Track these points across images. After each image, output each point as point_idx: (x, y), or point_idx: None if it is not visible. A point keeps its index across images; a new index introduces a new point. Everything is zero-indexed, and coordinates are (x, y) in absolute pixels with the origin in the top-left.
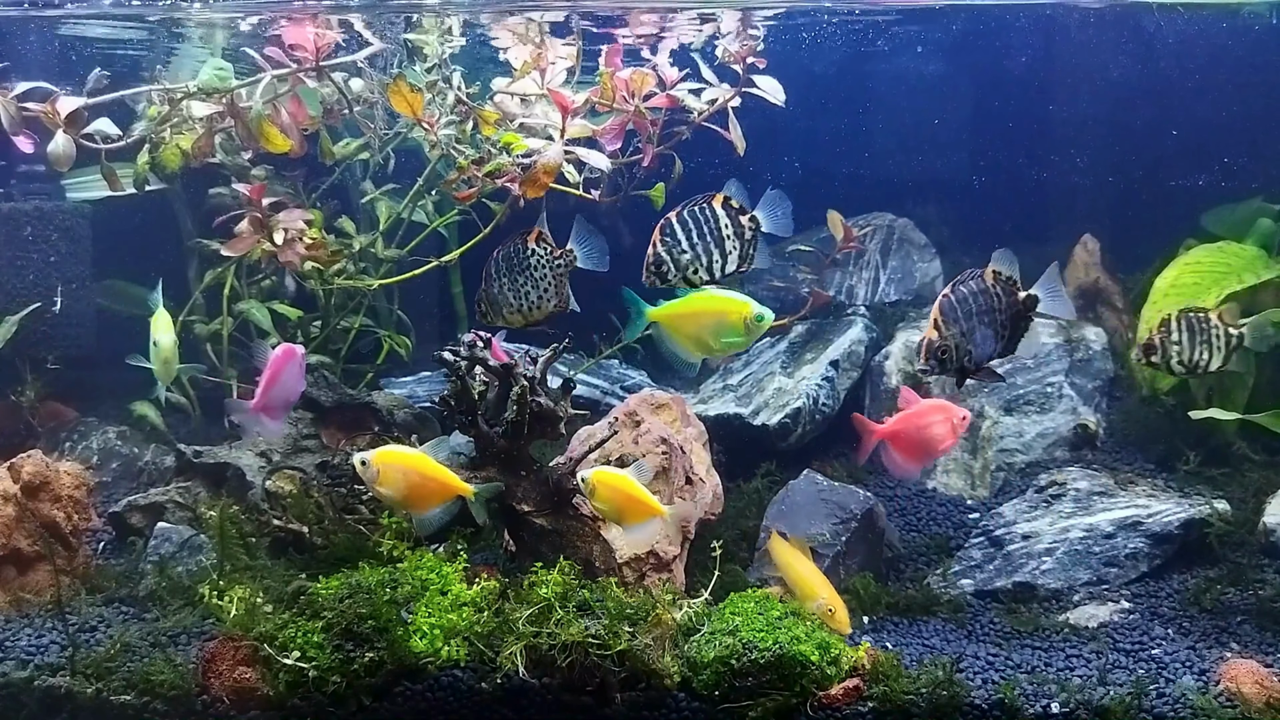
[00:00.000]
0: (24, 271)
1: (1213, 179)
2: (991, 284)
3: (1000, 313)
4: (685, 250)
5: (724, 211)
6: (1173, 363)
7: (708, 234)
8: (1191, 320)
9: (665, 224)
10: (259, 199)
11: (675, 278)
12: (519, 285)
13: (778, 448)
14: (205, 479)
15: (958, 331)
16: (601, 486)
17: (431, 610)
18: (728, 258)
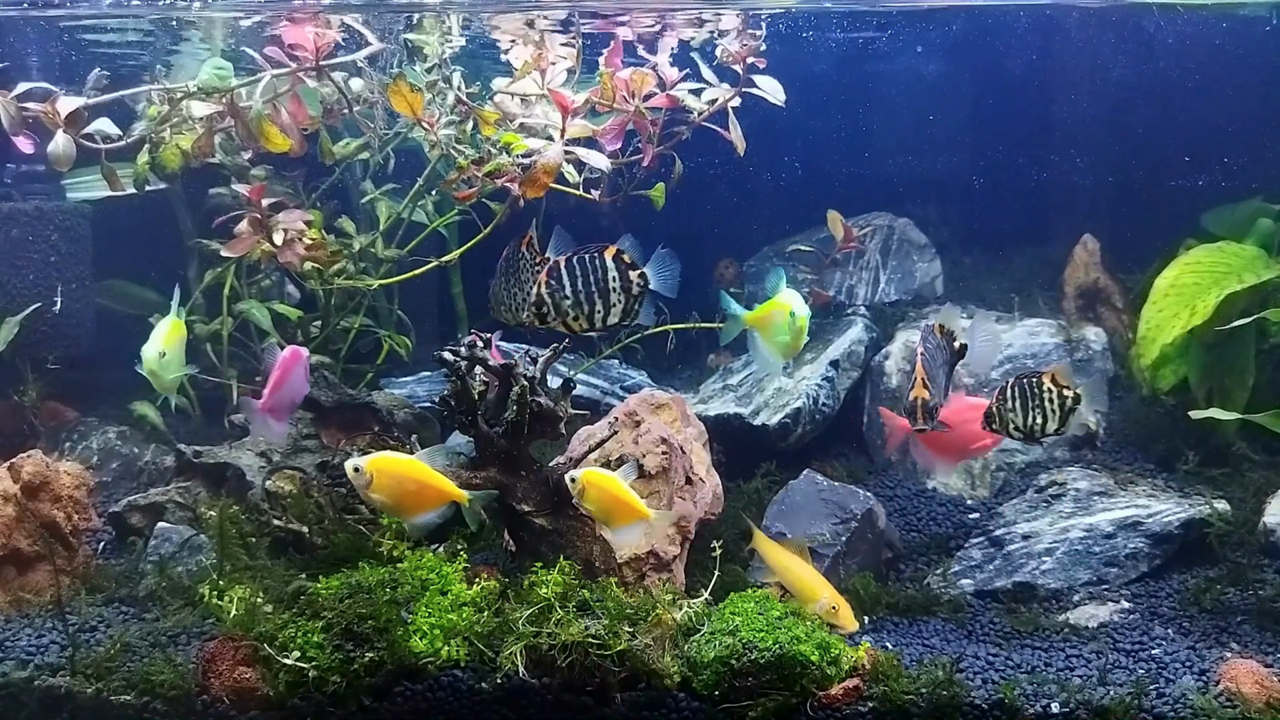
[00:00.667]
0: (24, 272)
1: (1213, 179)
2: (940, 336)
3: (947, 364)
4: (568, 296)
5: (614, 264)
6: (1011, 428)
7: (594, 284)
8: (1025, 386)
9: (553, 267)
10: (259, 199)
11: (554, 320)
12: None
13: (778, 448)
14: (205, 479)
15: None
16: (591, 487)
17: (431, 610)
18: (610, 309)
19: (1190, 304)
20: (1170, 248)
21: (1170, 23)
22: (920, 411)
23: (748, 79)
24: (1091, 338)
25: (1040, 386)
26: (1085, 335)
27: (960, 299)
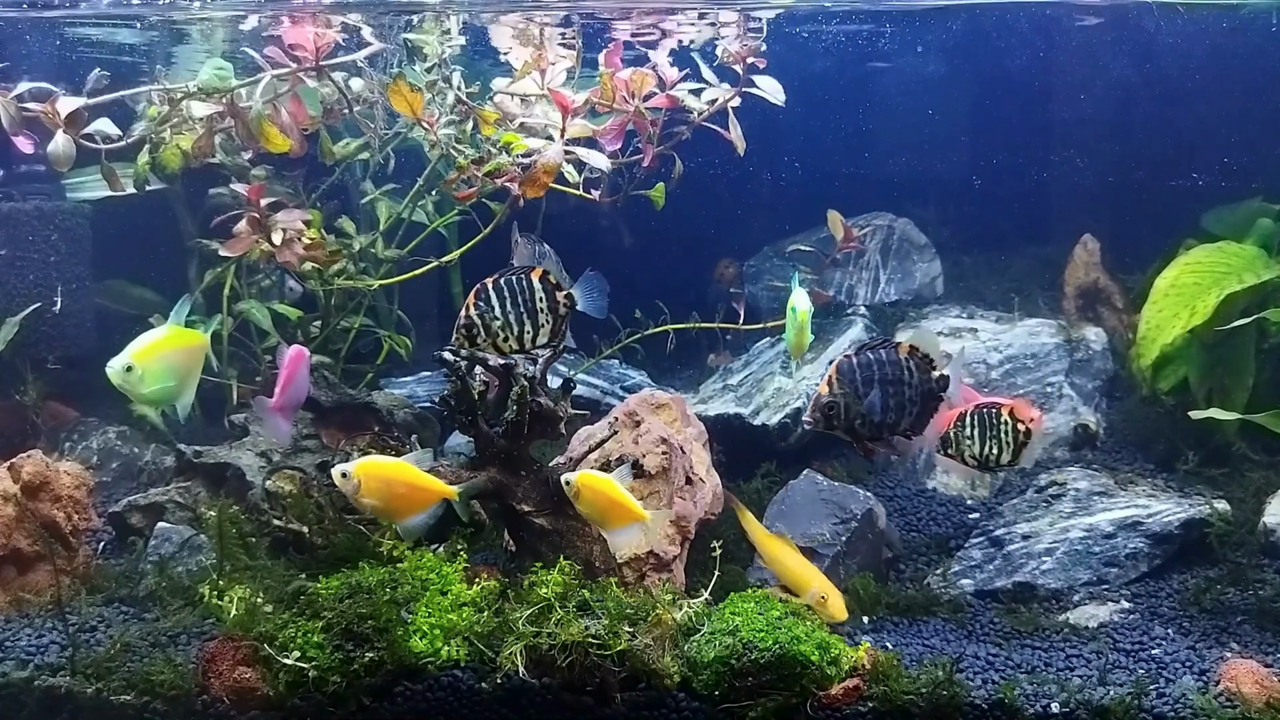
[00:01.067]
0: (24, 272)
1: (1213, 179)
2: (904, 357)
3: (909, 387)
4: (497, 317)
5: (540, 285)
6: (965, 455)
7: (521, 305)
8: (984, 417)
9: (481, 289)
10: (257, 199)
11: (484, 342)
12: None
13: (778, 448)
14: (205, 479)
15: (851, 393)
16: (585, 490)
17: (431, 610)
18: (539, 330)
19: (1190, 304)
20: (1170, 248)
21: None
22: (812, 406)
23: (748, 79)
24: (1091, 338)
25: (999, 418)
26: (1085, 335)
27: (960, 299)
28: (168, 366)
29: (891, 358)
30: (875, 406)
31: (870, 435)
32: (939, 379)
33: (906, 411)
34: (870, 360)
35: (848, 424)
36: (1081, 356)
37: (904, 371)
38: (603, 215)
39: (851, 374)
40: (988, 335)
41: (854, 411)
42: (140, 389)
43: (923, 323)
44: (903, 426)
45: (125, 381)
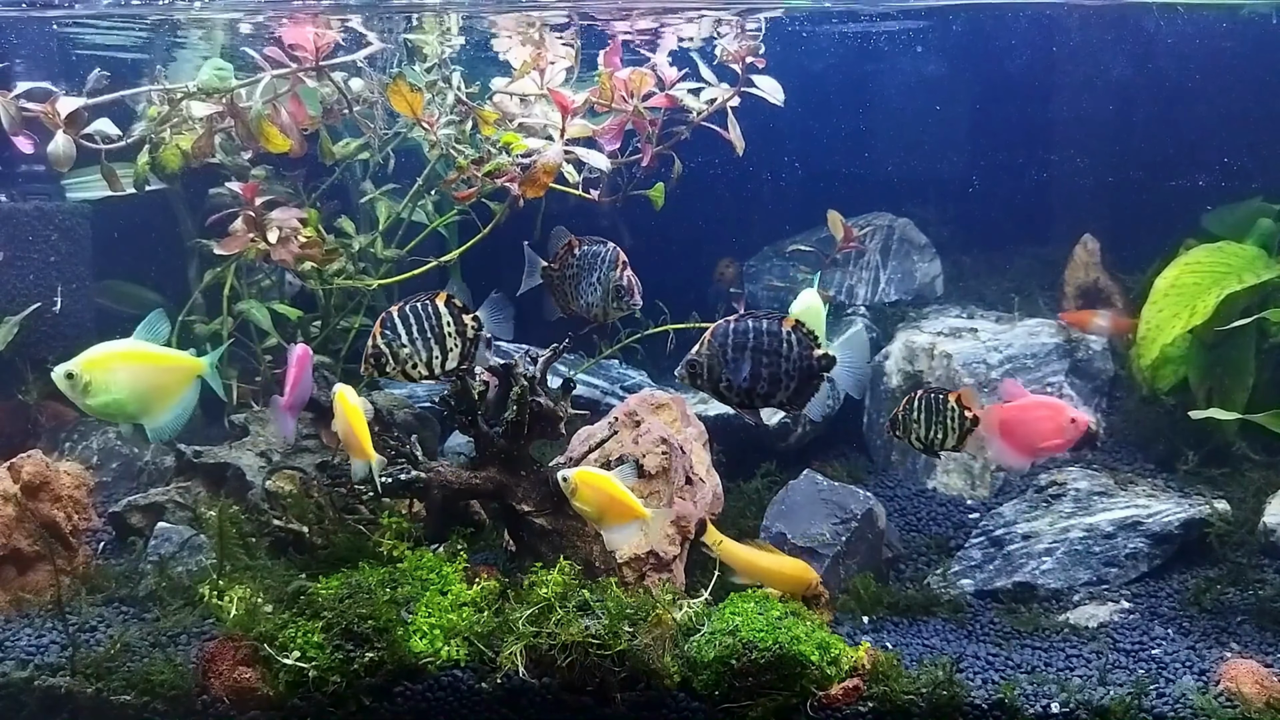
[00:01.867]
0: (24, 272)
1: (1213, 179)
2: (786, 331)
3: (787, 360)
4: (405, 345)
5: (446, 309)
6: (912, 438)
7: (429, 330)
8: (931, 401)
9: (386, 318)
10: (252, 197)
11: (394, 370)
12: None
13: (778, 448)
14: (205, 479)
15: (720, 356)
16: (583, 486)
17: (431, 610)
18: (448, 354)
19: (1190, 304)
20: (1170, 248)
21: (1170, 23)
22: (684, 362)
23: (747, 79)
24: (1091, 338)
25: (945, 404)
26: (1085, 335)
27: (960, 299)
28: (119, 380)
29: (771, 329)
30: (742, 373)
31: (740, 402)
32: (821, 357)
33: (783, 385)
34: (747, 328)
35: (712, 385)
36: (1081, 356)
37: (782, 344)
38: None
39: (724, 338)
40: (988, 335)
41: (718, 374)
42: (82, 398)
43: (923, 323)
44: (778, 399)
45: (65, 388)
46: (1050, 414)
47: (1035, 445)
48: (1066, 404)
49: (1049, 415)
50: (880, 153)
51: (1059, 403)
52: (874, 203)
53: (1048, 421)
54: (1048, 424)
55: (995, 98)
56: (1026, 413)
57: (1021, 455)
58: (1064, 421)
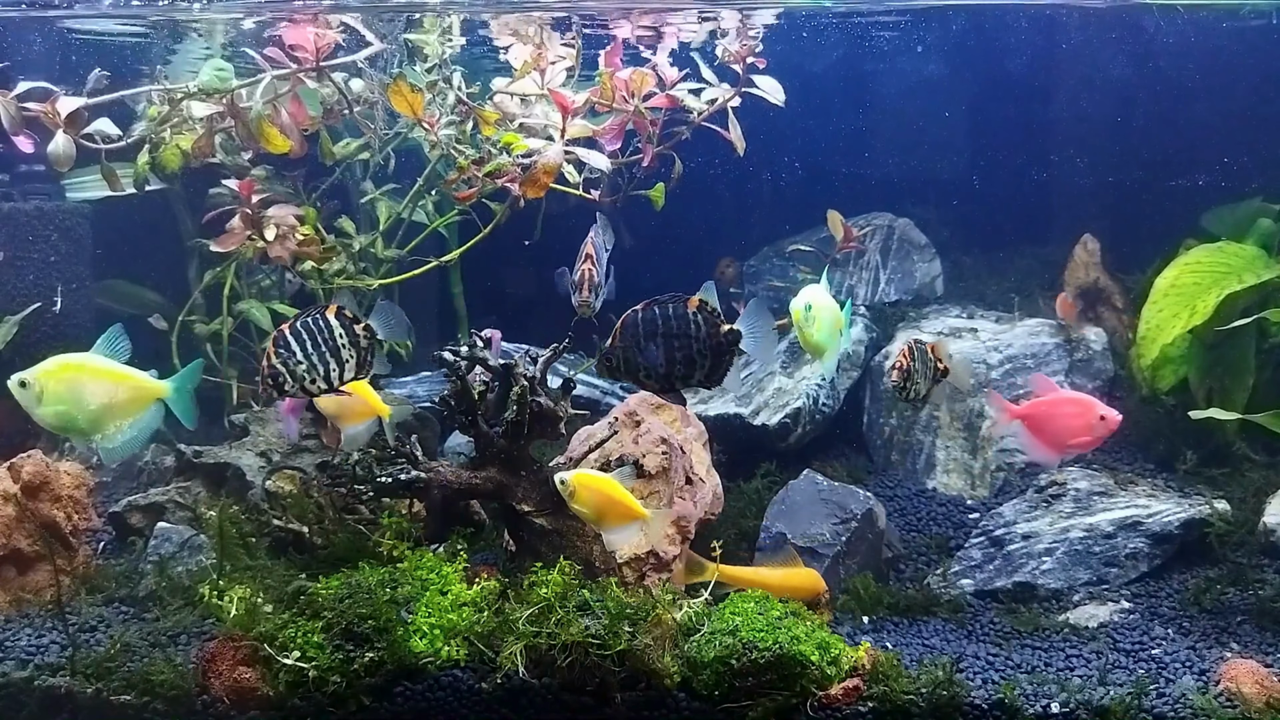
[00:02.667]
0: (24, 272)
1: (1213, 179)
2: (693, 312)
3: (697, 340)
4: (301, 361)
5: (338, 321)
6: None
7: (323, 344)
8: (920, 351)
9: (279, 336)
10: (249, 195)
11: (293, 388)
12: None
13: (778, 448)
14: (205, 479)
15: (634, 345)
16: (582, 489)
17: (431, 610)
18: (345, 365)
19: (1190, 304)
20: (1170, 248)
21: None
22: (599, 357)
23: (747, 79)
24: (1091, 338)
25: (927, 355)
26: (1085, 335)
27: (960, 299)
28: (73, 393)
29: (678, 312)
30: (657, 358)
31: (661, 386)
32: (728, 333)
33: (697, 364)
34: (655, 315)
35: (631, 374)
36: (1081, 356)
37: (690, 326)
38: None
39: (635, 327)
40: (988, 335)
41: (634, 363)
42: (35, 407)
43: (923, 323)
44: (696, 378)
45: (19, 395)
46: (1080, 410)
47: (1064, 441)
48: (1097, 401)
49: (1079, 411)
50: (880, 153)
51: (1089, 399)
52: (874, 203)
53: (1077, 418)
54: (1077, 420)
55: (995, 98)
56: (1056, 408)
57: (1050, 451)
58: (1093, 418)
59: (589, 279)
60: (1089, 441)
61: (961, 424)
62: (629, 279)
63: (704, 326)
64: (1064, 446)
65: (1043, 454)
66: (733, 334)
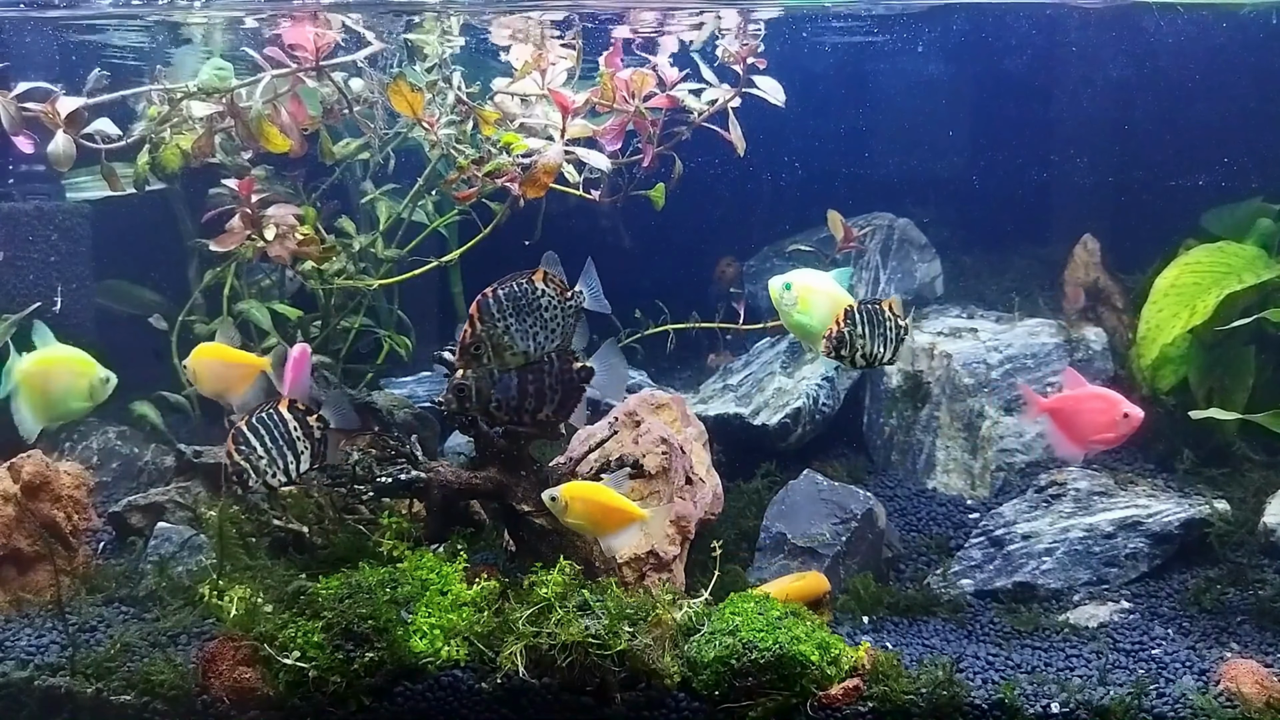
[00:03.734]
0: (24, 272)
1: (1213, 179)
2: (542, 283)
3: (550, 375)
4: (262, 456)
5: (291, 415)
6: (857, 355)
7: (280, 438)
8: (870, 312)
9: (238, 433)
10: (249, 194)
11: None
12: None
13: (778, 448)
14: (205, 479)
15: (488, 377)
16: (574, 501)
17: (431, 610)
18: (300, 457)
19: (1190, 304)
20: (1170, 248)
21: (1170, 23)
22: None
23: (748, 79)
24: (1091, 338)
25: (883, 315)
26: (1085, 335)
27: (960, 299)
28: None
29: (529, 287)
30: (510, 390)
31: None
32: (580, 369)
33: (548, 399)
34: (505, 295)
35: (482, 406)
36: (1081, 356)
37: (544, 361)
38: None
39: (489, 310)
40: (988, 335)
41: (488, 395)
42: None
43: (923, 323)
44: (545, 412)
45: None
46: (1105, 406)
47: (1087, 437)
48: (1122, 398)
49: (1104, 407)
50: (880, 153)
51: (1114, 395)
52: (874, 203)
53: (1102, 414)
54: (1102, 416)
55: (995, 97)
56: (1082, 403)
57: (1075, 446)
58: (1117, 415)
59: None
60: (1112, 438)
61: (961, 424)
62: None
63: (558, 363)
64: (1087, 442)
65: (1067, 448)
66: (586, 371)
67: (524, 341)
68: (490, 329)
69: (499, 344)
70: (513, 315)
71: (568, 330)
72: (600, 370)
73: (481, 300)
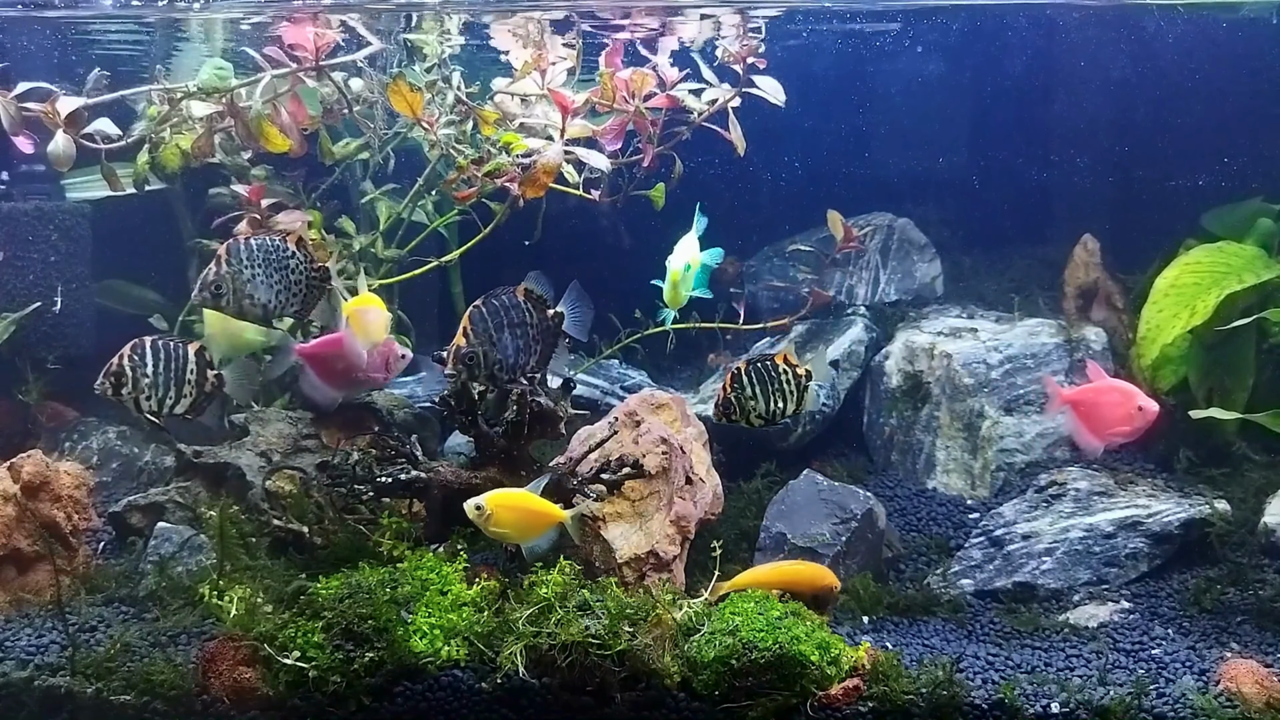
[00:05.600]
0: (24, 272)
1: (1213, 179)
2: (523, 300)
3: (531, 327)
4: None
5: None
6: (751, 416)
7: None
8: (760, 370)
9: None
10: (258, 200)
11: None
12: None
13: (778, 448)
14: (205, 479)
15: (488, 340)
16: (499, 510)
17: (431, 610)
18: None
19: (1190, 304)
20: (1170, 248)
21: (1170, 23)
22: (452, 358)
23: (748, 79)
24: (1091, 338)
25: (775, 369)
26: (1085, 335)
27: (960, 299)
28: None
29: (513, 302)
30: (509, 350)
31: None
32: (554, 315)
33: (533, 350)
34: (497, 307)
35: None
36: (1081, 357)
37: (525, 314)
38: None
39: (483, 322)
40: (988, 335)
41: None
42: None
43: (923, 323)
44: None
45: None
46: (1121, 399)
47: (1104, 430)
48: (1138, 390)
49: (1121, 400)
50: (880, 153)
51: (1131, 388)
52: (874, 203)
53: (1119, 407)
54: (1118, 409)
55: (995, 97)
56: (1100, 395)
57: (1094, 438)
58: (1132, 408)
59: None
60: (1128, 431)
61: (961, 424)
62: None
63: (535, 312)
64: (1106, 435)
65: (1088, 441)
66: (560, 316)
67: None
68: (482, 343)
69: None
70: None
71: (546, 349)
72: (569, 313)
73: (473, 314)
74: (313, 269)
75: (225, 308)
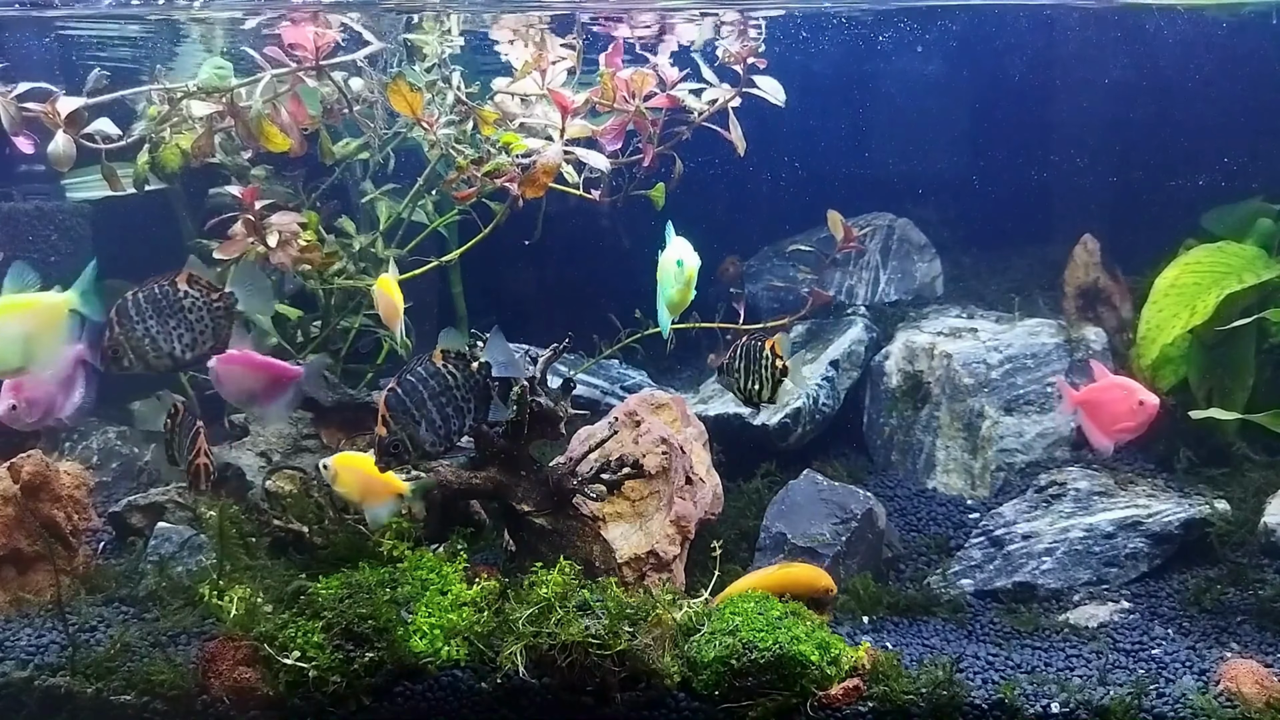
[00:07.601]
0: None
1: (1213, 179)
2: (442, 365)
3: (457, 389)
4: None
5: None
6: (735, 388)
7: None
8: (750, 349)
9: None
10: (252, 201)
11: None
12: (170, 328)
13: (778, 448)
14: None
15: (410, 423)
16: (342, 470)
17: (431, 610)
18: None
19: (1190, 304)
20: (1170, 248)
21: (1170, 23)
22: (378, 450)
23: (748, 79)
24: (1091, 338)
25: (761, 353)
26: (1085, 335)
27: (960, 299)
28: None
29: (431, 370)
30: (438, 422)
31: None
32: (480, 366)
33: (464, 412)
34: (414, 383)
35: (419, 451)
36: (1081, 357)
37: (448, 378)
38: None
39: (401, 404)
40: (988, 335)
41: (419, 439)
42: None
43: (923, 323)
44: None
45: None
46: (1123, 395)
47: (1110, 427)
48: (1138, 386)
49: (1122, 396)
50: (880, 153)
51: (1131, 384)
52: (874, 203)
53: (1121, 403)
54: (1121, 405)
55: (995, 97)
56: (1105, 393)
57: (1102, 436)
58: (1133, 403)
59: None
60: (1132, 427)
61: (961, 424)
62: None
63: (457, 374)
64: (1112, 432)
65: (1098, 440)
66: (485, 367)
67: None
68: (403, 423)
69: (414, 438)
70: (426, 400)
71: (481, 403)
72: (494, 361)
73: (390, 396)
74: (212, 301)
75: (130, 369)
